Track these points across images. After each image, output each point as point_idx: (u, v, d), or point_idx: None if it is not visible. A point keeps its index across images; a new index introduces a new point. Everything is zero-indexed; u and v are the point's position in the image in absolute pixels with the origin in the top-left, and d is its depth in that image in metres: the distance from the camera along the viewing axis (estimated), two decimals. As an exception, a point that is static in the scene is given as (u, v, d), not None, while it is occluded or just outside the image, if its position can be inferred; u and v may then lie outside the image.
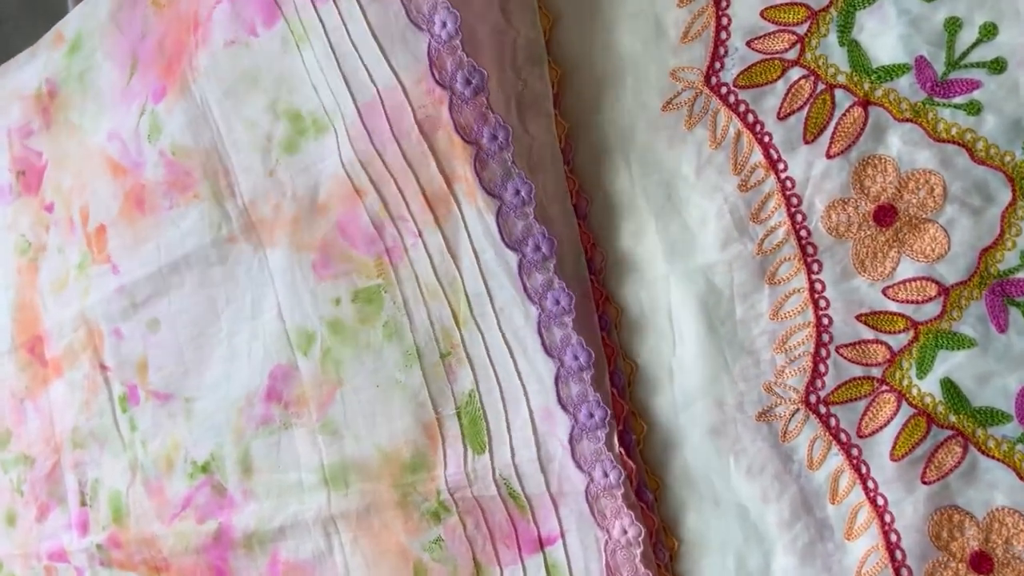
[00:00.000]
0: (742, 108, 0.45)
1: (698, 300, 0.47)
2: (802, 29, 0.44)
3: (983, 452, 0.41)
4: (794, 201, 0.44)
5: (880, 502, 0.43)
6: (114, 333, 0.64)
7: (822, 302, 0.44)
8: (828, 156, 0.44)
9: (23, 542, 0.71)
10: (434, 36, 0.47)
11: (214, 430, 0.60)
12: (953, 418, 0.42)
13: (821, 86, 0.44)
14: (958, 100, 0.41)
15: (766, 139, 0.45)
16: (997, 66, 0.41)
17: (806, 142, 0.44)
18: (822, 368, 0.44)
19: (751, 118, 0.45)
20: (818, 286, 0.44)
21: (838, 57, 0.44)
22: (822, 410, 0.44)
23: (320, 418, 0.56)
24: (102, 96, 0.64)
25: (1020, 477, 0.41)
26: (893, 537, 0.43)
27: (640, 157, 0.48)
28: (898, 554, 0.42)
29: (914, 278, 0.42)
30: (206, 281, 0.60)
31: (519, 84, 0.49)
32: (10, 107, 0.71)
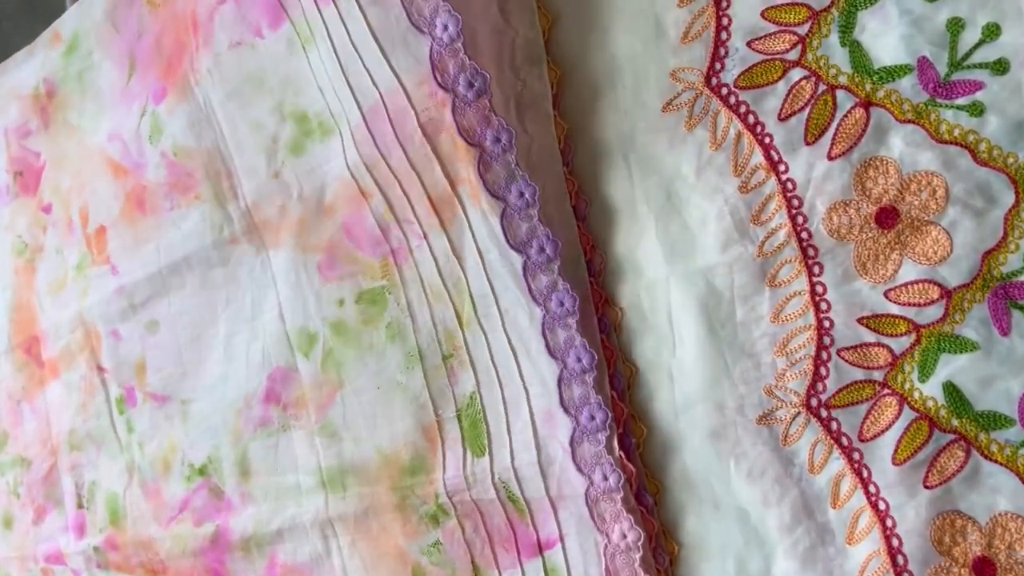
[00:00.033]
0: (743, 109, 0.45)
1: (698, 302, 0.46)
2: (803, 29, 0.44)
3: (986, 456, 0.41)
4: (795, 203, 0.44)
5: (882, 506, 0.43)
6: (112, 334, 0.64)
7: (823, 305, 0.44)
8: (829, 157, 0.43)
9: (20, 544, 0.71)
10: (435, 39, 0.47)
11: (211, 432, 0.60)
12: (955, 422, 0.42)
13: (822, 87, 0.44)
14: (961, 101, 0.41)
15: (767, 140, 0.45)
16: (1000, 67, 0.41)
17: (807, 143, 0.44)
18: (823, 371, 0.44)
19: (752, 119, 0.45)
20: (819, 288, 0.44)
21: (839, 58, 0.43)
22: (823, 414, 0.44)
23: (319, 420, 0.56)
24: (102, 96, 0.64)
25: (1023, 482, 0.41)
26: (895, 542, 0.42)
27: (640, 158, 0.48)
28: (900, 559, 0.42)
29: (916, 281, 0.42)
30: (207, 283, 0.60)
31: (518, 85, 0.49)
32: (7, 107, 0.70)
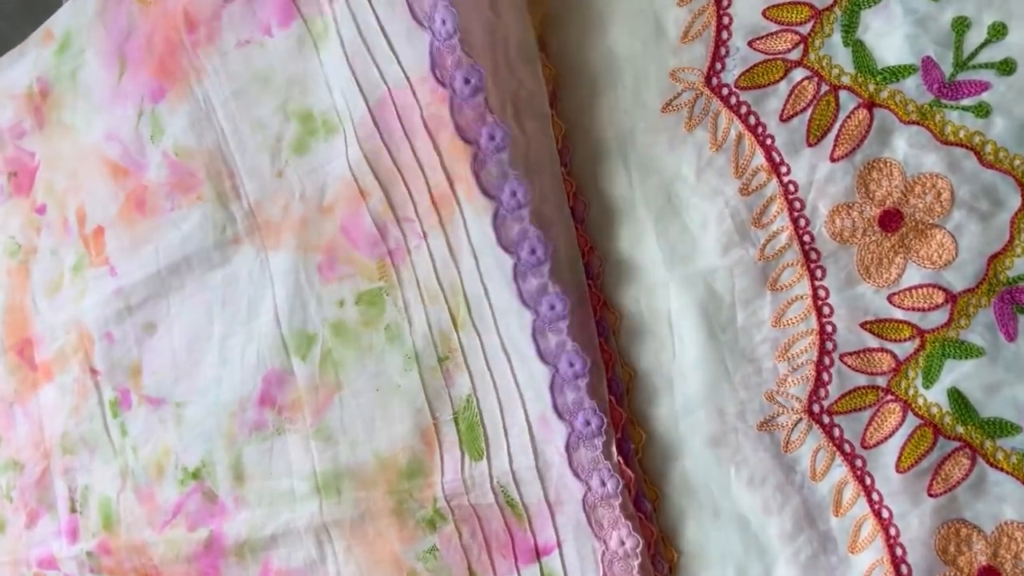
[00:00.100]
0: (743, 110, 0.45)
1: (698, 306, 0.46)
2: (805, 29, 0.44)
3: (991, 464, 0.41)
4: (797, 205, 0.44)
5: (885, 515, 0.42)
6: (105, 337, 0.64)
7: (825, 309, 0.44)
8: (832, 159, 0.43)
9: (12, 549, 0.71)
10: (435, 34, 0.47)
11: (204, 436, 0.60)
12: (960, 429, 0.41)
13: (825, 87, 0.43)
14: (966, 102, 0.41)
15: (768, 141, 0.44)
16: (1006, 67, 0.40)
17: (809, 145, 0.44)
18: (825, 377, 0.44)
19: (753, 120, 0.45)
20: (821, 293, 0.44)
21: (842, 58, 0.43)
22: (825, 420, 0.44)
23: (315, 424, 0.55)
24: (92, 95, 0.64)
25: (1029, 490, 0.41)
26: (898, 551, 0.42)
27: (639, 159, 0.48)
28: (903, 568, 0.42)
29: (920, 285, 0.42)
30: (204, 284, 0.59)
31: (514, 83, 0.48)
32: (1, 107, 0.70)
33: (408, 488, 0.52)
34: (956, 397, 0.41)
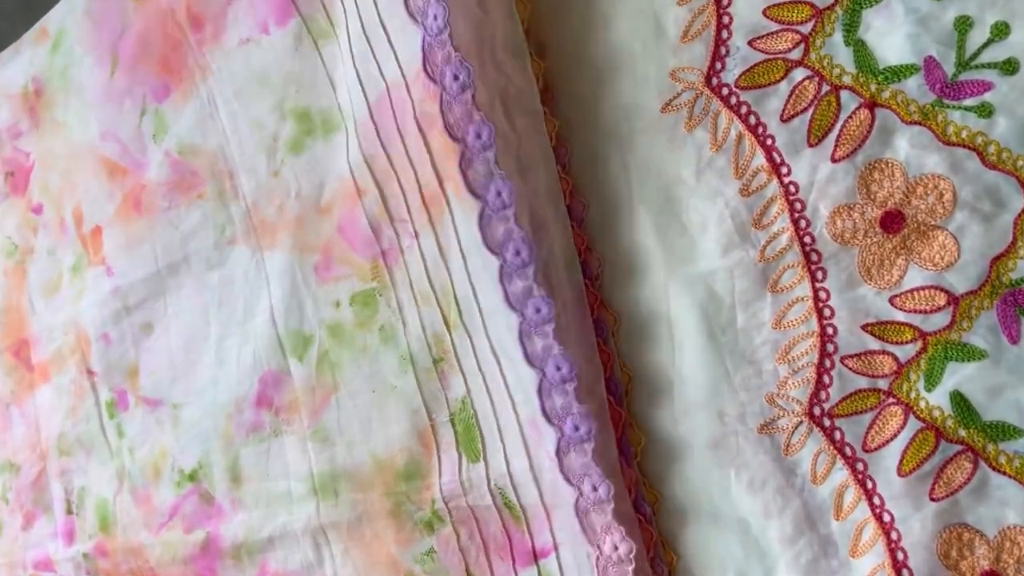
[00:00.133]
0: (744, 110, 0.44)
1: (698, 308, 0.46)
2: (806, 28, 0.43)
3: (994, 468, 0.41)
4: (797, 206, 0.44)
5: (886, 519, 0.42)
6: (102, 338, 0.64)
7: (826, 311, 0.43)
8: (833, 160, 0.43)
9: (8, 551, 0.71)
10: (427, 29, 0.47)
11: (201, 437, 0.60)
12: (963, 432, 0.41)
13: (826, 87, 0.43)
14: (969, 102, 0.41)
15: (768, 142, 0.44)
16: (1009, 67, 0.40)
17: (810, 145, 0.43)
18: (826, 379, 0.43)
19: (753, 120, 0.44)
20: (822, 294, 0.43)
21: (844, 57, 0.43)
22: (826, 423, 0.43)
23: (312, 425, 0.55)
24: (85, 93, 0.64)
25: (1032, 494, 0.40)
26: (900, 555, 0.42)
27: (638, 160, 0.47)
28: (905, 573, 0.42)
29: (922, 287, 0.42)
30: (202, 284, 0.59)
31: (502, 80, 0.48)
32: (-1, 107, 0.70)
33: (405, 490, 0.52)
34: (958, 400, 0.41)
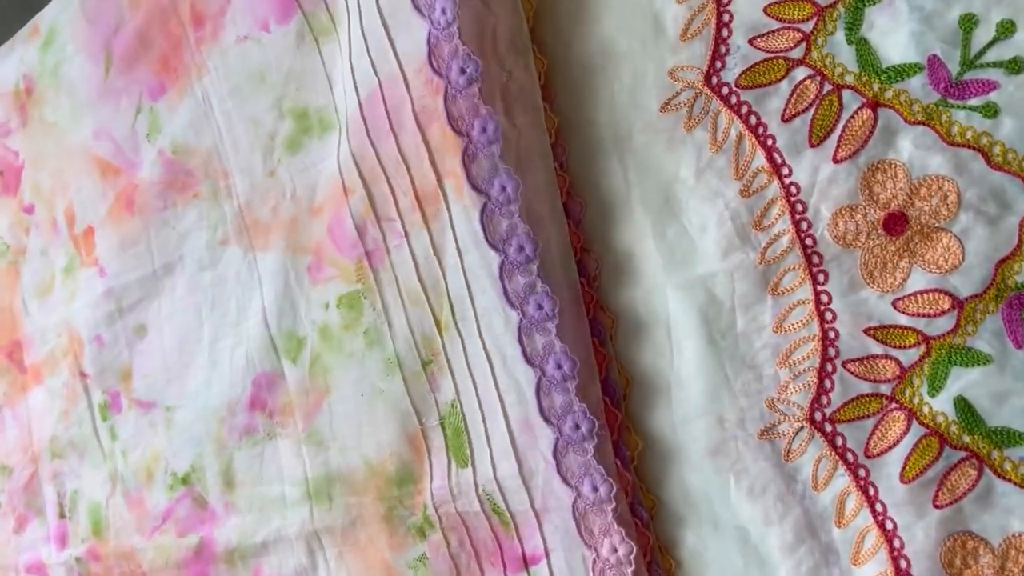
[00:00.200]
0: (744, 109, 0.44)
1: (697, 311, 0.46)
2: (808, 26, 0.43)
3: (999, 475, 0.40)
4: (799, 208, 0.43)
5: (889, 526, 0.42)
6: (95, 340, 0.64)
7: (828, 314, 0.43)
8: (835, 160, 0.43)
9: (1, 554, 0.71)
10: (434, 22, 0.47)
11: (194, 440, 0.60)
12: (967, 439, 0.41)
13: (828, 87, 0.43)
14: (973, 102, 0.40)
15: (769, 142, 0.44)
16: (1015, 66, 0.40)
17: (812, 145, 0.43)
18: (828, 384, 0.43)
19: (753, 120, 0.44)
20: (824, 298, 0.43)
21: (846, 56, 0.43)
22: (828, 428, 0.43)
23: (306, 428, 0.55)
24: (77, 92, 0.64)
25: (1038, 502, 0.40)
26: (903, 564, 0.41)
27: (637, 160, 0.47)
28: (908, 581, 0.41)
29: (926, 290, 0.41)
30: (195, 285, 0.59)
31: (503, 75, 0.47)
32: (-11, 105, 0.70)
33: (398, 495, 0.52)
34: (963, 406, 0.41)
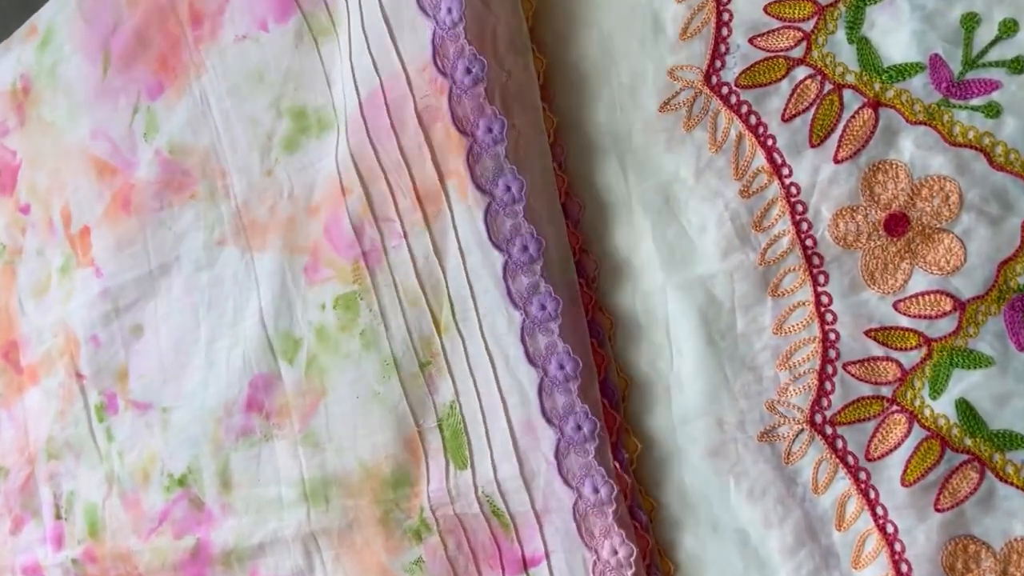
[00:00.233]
0: (744, 109, 0.44)
1: (697, 312, 0.45)
2: (808, 25, 0.43)
3: (1001, 478, 0.40)
4: (799, 208, 0.43)
5: (890, 530, 0.41)
6: (91, 340, 0.64)
7: (828, 316, 0.43)
8: (836, 161, 0.42)
9: (-3, 555, 0.71)
10: (439, 22, 0.47)
11: (190, 441, 0.60)
12: (969, 441, 0.40)
13: (828, 86, 0.43)
14: (975, 102, 0.40)
15: (769, 142, 0.44)
16: (1018, 65, 0.40)
17: (812, 146, 0.43)
18: (828, 386, 0.43)
19: (753, 120, 0.44)
20: (824, 299, 0.43)
21: (847, 55, 0.42)
22: (828, 431, 0.43)
23: (303, 429, 0.55)
24: (74, 91, 0.64)
25: (1040, 505, 0.40)
26: (904, 567, 0.41)
27: (636, 160, 0.47)
28: (908, 585, 0.41)
29: (927, 291, 0.41)
30: (191, 286, 0.59)
31: (503, 75, 0.47)
32: (-14, 104, 0.70)
33: (394, 498, 0.52)
34: (964, 408, 0.40)
